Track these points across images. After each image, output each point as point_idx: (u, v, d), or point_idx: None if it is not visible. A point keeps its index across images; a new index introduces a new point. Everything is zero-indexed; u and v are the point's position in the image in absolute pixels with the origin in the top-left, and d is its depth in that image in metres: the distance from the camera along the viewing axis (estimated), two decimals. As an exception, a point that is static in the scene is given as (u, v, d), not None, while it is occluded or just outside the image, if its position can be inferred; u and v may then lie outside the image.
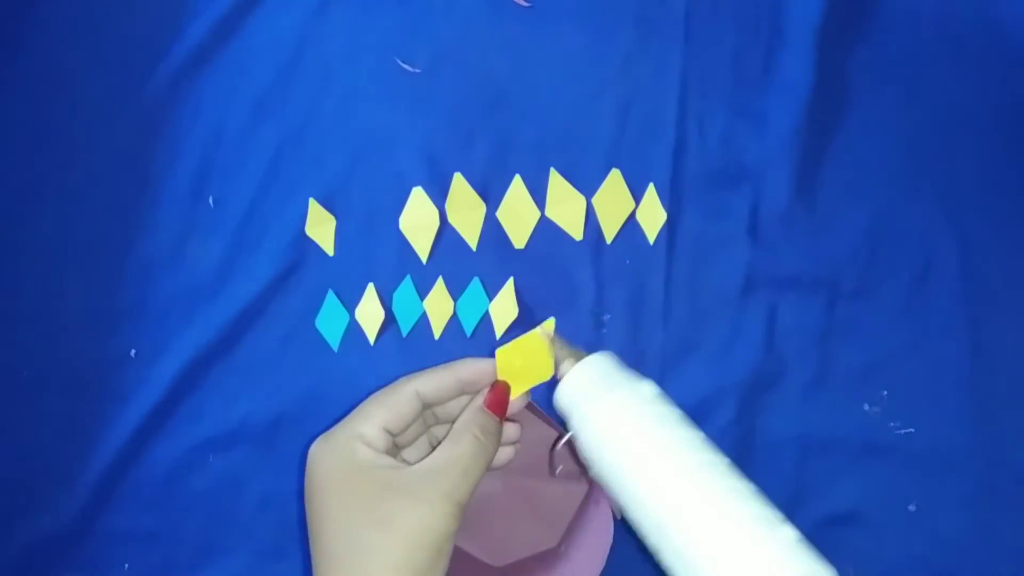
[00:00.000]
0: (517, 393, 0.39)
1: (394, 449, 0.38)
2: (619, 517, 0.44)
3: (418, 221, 0.55)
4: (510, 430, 0.40)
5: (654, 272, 0.55)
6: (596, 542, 0.46)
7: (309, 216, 0.56)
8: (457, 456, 0.34)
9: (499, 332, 0.55)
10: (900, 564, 0.50)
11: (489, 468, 0.37)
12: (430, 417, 0.41)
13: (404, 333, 0.55)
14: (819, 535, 0.50)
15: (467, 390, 0.39)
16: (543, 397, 0.41)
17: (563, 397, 0.36)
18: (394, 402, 0.37)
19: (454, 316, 0.55)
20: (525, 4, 0.57)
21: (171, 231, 0.56)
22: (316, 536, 0.35)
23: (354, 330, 0.55)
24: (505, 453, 0.40)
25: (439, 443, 0.37)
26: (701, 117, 0.56)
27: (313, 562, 0.35)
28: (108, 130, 0.57)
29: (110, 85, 0.57)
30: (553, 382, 0.39)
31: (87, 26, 0.58)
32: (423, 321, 0.55)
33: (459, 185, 0.56)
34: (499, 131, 0.57)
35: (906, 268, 0.54)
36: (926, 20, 0.58)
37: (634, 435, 0.31)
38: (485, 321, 0.55)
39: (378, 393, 0.38)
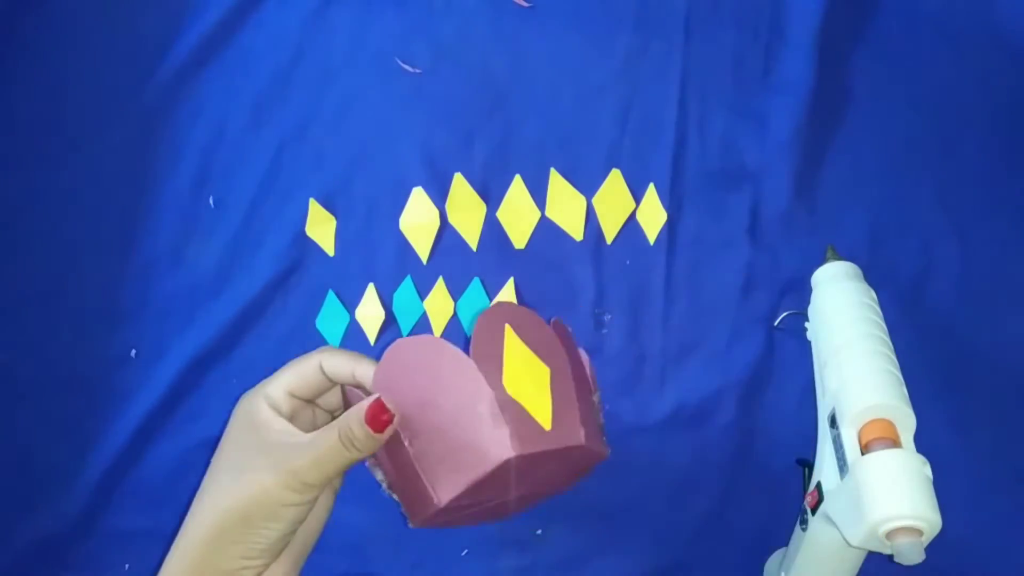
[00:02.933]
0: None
1: (304, 410, 0.41)
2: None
3: (418, 221, 0.55)
4: None
5: (654, 272, 0.55)
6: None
7: (309, 216, 0.56)
8: (317, 444, 0.37)
9: (499, 332, 0.55)
10: (900, 564, 0.50)
11: (350, 466, 0.39)
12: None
13: (404, 333, 0.55)
14: (791, 533, 0.50)
15: (360, 385, 0.41)
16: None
17: (819, 278, 0.51)
18: (300, 370, 0.40)
19: (454, 316, 0.55)
20: (525, 4, 0.57)
21: (171, 231, 0.56)
22: (212, 462, 0.40)
23: (354, 330, 0.55)
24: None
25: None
26: (701, 117, 0.56)
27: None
28: (108, 130, 0.57)
29: (110, 85, 0.57)
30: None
31: (87, 26, 0.58)
32: (423, 321, 0.55)
33: (459, 185, 0.56)
34: (499, 131, 0.57)
35: (906, 268, 0.54)
36: (926, 20, 0.58)
37: (857, 306, 0.48)
38: (485, 321, 0.55)
39: (293, 360, 0.41)
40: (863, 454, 0.41)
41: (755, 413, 0.54)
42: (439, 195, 0.56)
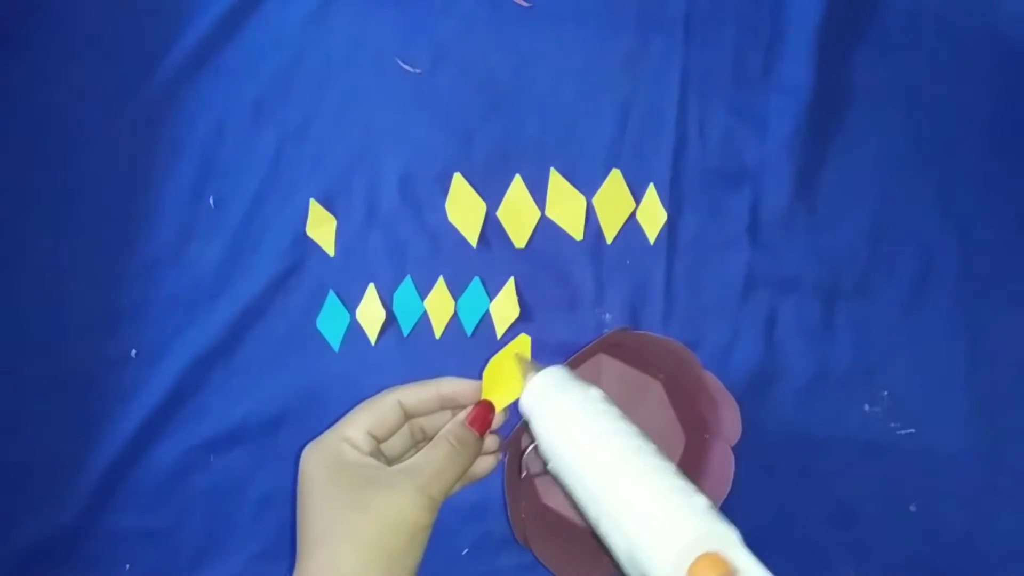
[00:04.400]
0: (499, 407, 0.42)
1: (379, 453, 0.40)
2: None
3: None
4: (490, 442, 0.42)
5: (654, 272, 0.55)
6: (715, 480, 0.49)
7: (310, 216, 0.56)
8: (432, 459, 0.38)
9: (500, 332, 0.55)
10: (900, 564, 0.50)
11: (467, 476, 0.41)
12: (418, 432, 0.43)
13: (405, 333, 0.55)
14: (820, 535, 0.50)
15: (447, 405, 0.42)
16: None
17: (524, 404, 0.41)
18: (378, 409, 0.40)
19: (455, 316, 0.55)
20: (525, 4, 0.57)
21: (172, 231, 0.56)
22: (300, 525, 0.37)
23: (355, 330, 0.55)
24: (487, 463, 0.43)
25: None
26: (701, 117, 0.56)
27: (297, 549, 0.37)
28: (108, 130, 0.57)
29: (110, 85, 0.57)
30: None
31: (87, 26, 0.58)
32: (424, 321, 0.55)
33: (459, 185, 0.56)
34: (499, 131, 0.57)
35: (906, 268, 0.54)
36: (926, 21, 0.58)
37: (579, 427, 0.38)
38: (486, 321, 0.55)
39: (364, 401, 0.41)
40: None
41: (755, 413, 0.54)
42: (439, 194, 0.56)
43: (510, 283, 0.55)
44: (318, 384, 0.55)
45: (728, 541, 0.33)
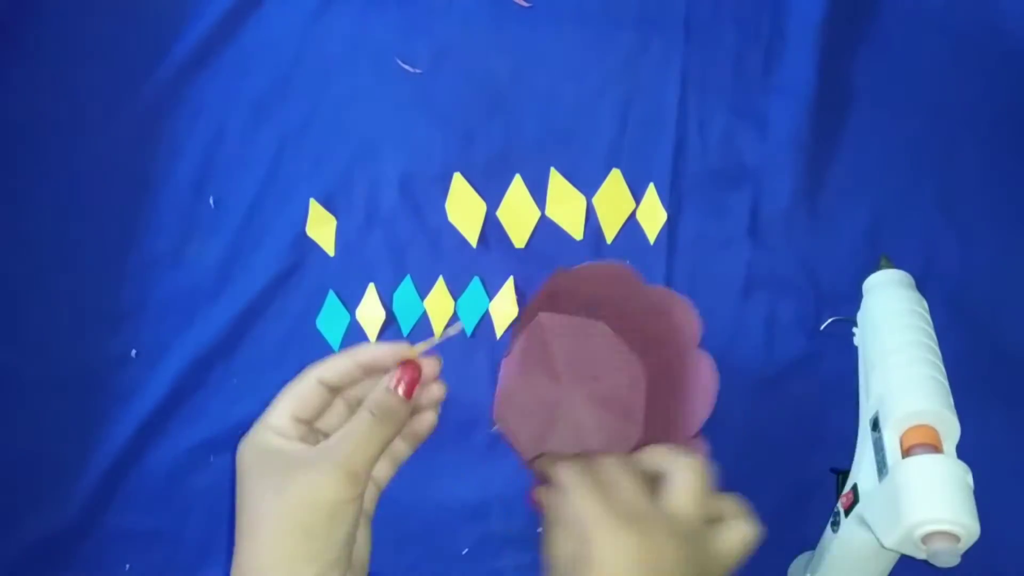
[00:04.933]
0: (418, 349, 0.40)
1: (310, 435, 0.39)
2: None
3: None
4: (436, 392, 0.41)
5: (654, 272, 0.55)
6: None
7: (310, 216, 0.56)
8: (351, 431, 0.36)
9: (499, 331, 0.55)
10: (900, 564, 0.50)
11: (411, 437, 0.40)
12: (355, 404, 0.42)
13: (405, 333, 0.55)
14: (820, 534, 0.50)
15: (370, 374, 0.40)
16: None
17: (877, 280, 0.51)
18: (298, 391, 0.39)
19: (454, 316, 0.55)
20: (525, 4, 0.57)
21: (172, 231, 0.56)
22: (236, 520, 0.37)
23: (355, 330, 0.55)
24: (428, 419, 0.41)
25: None
26: (701, 117, 0.56)
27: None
28: (108, 130, 0.57)
29: (110, 85, 0.57)
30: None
31: (87, 26, 0.58)
32: (423, 321, 0.55)
33: (459, 185, 0.56)
34: (499, 131, 0.57)
35: (906, 268, 0.54)
36: (927, 21, 0.58)
37: (903, 312, 0.48)
38: (485, 320, 0.55)
39: (289, 384, 0.40)
40: (904, 458, 0.42)
41: (755, 413, 0.54)
42: (439, 194, 0.56)
43: (510, 283, 0.55)
44: (318, 384, 0.55)
45: (948, 428, 0.42)
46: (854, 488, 0.45)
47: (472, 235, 0.55)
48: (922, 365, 0.45)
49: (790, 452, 0.54)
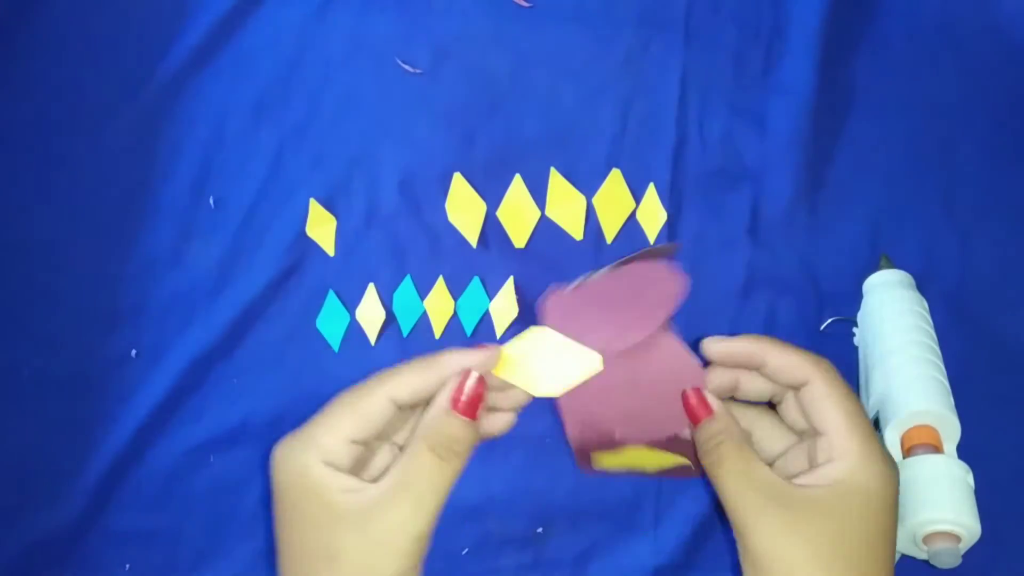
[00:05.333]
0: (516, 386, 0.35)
1: (364, 456, 0.34)
2: None
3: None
4: (519, 397, 0.35)
5: (654, 272, 0.55)
6: None
7: (309, 216, 0.56)
8: (411, 480, 0.30)
9: (499, 331, 0.55)
10: (900, 564, 0.50)
11: (481, 435, 0.33)
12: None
13: (405, 333, 0.55)
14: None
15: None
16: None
17: (877, 280, 0.51)
18: (364, 411, 0.33)
19: (454, 316, 0.55)
20: (525, 4, 0.58)
21: (171, 231, 0.56)
22: (278, 553, 0.32)
23: (355, 330, 0.55)
24: (503, 420, 0.35)
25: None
26: (701, 117, 0.56)
27: None
28: (108, 130, 0.57)
29: (110, 85, 0.57)
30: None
31: (87, 26, 0.58)
32: (423, 321, 0.55)
33: (459, 185, 0.56)
34: (499, 131, 0.57)
35: (906, 268, 0.54)
36: (927, 21, 0.58)
37: (905, 312, 0.48)
38: (485, 320, 0.55)
39: (349, 395, 0.34)
40: (905, 458, 0.42)
41: (755, 413, 0.54)
42: (439, 194, 0.56)
43: (510, 283, 0.55)
44: (318, 384, 0.55)
45: (949, 428, 0.42)
46: None
47: (472, 235, 0.55)
48: (923, 365, 0.45)
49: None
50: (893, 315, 0.49)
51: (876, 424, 0.45)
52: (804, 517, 0.31)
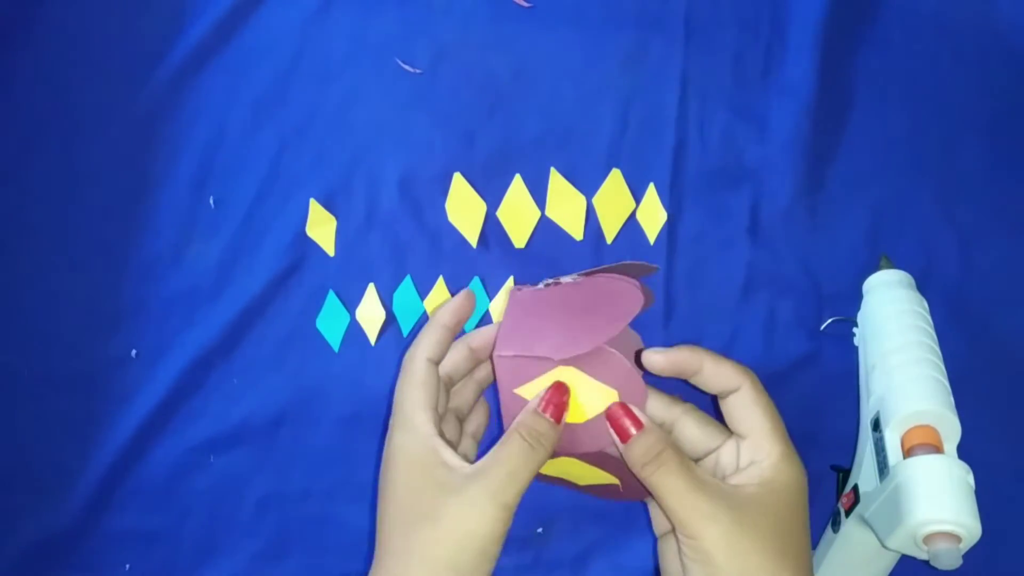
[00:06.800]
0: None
1: (437, 420, 0.39)
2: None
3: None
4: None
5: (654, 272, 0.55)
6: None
7: (309, 216, 0.56)
8: (504, 458, 0.35)
9: (499, 332, 0.55)
10: (900, 564, 0.50)
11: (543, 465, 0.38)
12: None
13: (405, 333, 0.55)
14: (820, 534, 0.50)
15: (479, 358, 0.42)
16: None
17: (878, 279, 0.51)
18: (426, 383, 0.39)
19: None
20: (525, 4, 0.58)
21: (172, 231, 0.56)
22: (379, 523, 0.37)
23: (355, 330, 0.55)
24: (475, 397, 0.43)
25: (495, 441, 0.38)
26: (701, 117, 0.56)
27: (376, 545, 0.37)
28: (108, 130, 0.57)
29: (110, 85, 0.57)
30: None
31: (87, 26, 0.58)
32: (424, 321, 0.55)
33: (459, 185, 0.56)
34: (499, 131, 0.57)
35: (906, 268, 0.54)
36: (927, 21, 0.58)
37: (906, 312, 0.48)
38: (485, 320, 0.55)
39: (410, 376, 0.39)
40: (905, 458, 0.42)
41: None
42: (439, 194, 0.56)
43: (510, 283, 0.55)
44: (318, 384, 0.55)
45: (949, 428, 0.42)
46: (855, 488, 0.45)
47: (472, 235, 0.55)
48: (923, 365, 0.45)
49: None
50: (893, 315, 0.49)
51: (876, 424, 0.45)
52: (748, 513, 0.35)
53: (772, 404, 0.40)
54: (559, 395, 0.38)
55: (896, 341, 0.47)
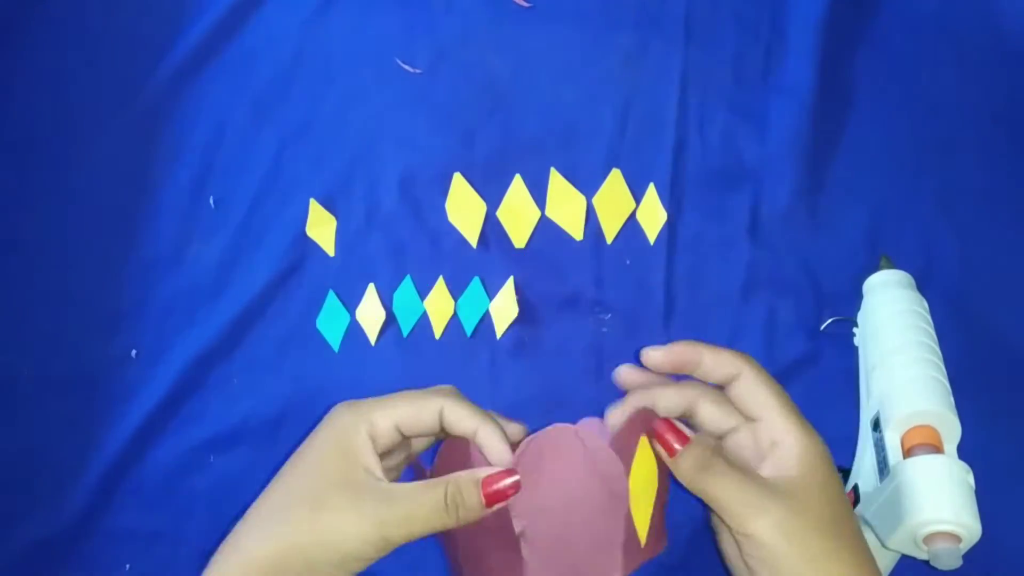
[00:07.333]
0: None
1: (399, 449, 0.38)
2: None
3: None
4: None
5: (654, 272, 0.55)
6: None
7: (310, 216, 0.56)
8: (414, 499, 0.34)
9: (499, 332, 0.55)
10: (901, 563, 0.50)
11: (448, 528, 0.36)
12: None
13: (404, 333, 0.55)
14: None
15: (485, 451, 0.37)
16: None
17: (877, 280, 0.51)
18: (419, 406, 0.36)
19: (454, 316, 0.55)
20: (525, 4, 0.58)
21: (172, 231, 0.56)
22: (277, 475, 0.36)
23: (355, 330, 0.55)
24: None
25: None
26: (701, 117, 0.56)
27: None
28: (108, 130, 0.57)
29: (110, 85, 0.57)
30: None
31: (87, 26, 0.58)
32: (423, 321, 0.55)
33: (459, 185, 0.56)
34: (499, 131, 0.57)
35: (906, 268, 0.54)
36: (927, 21, 0.58)
37: (904, 312, 0.48)
38: (485, 321, 0.55)
39: (413, 391, 0.38)
40: (905, 459, 0.42)
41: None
42: (439, 194, 0.56)
43: (510, 283, 0.55)
44: (318, 384, 0.55)
45: (949, 428, 0.42)
46: (855, 488, 0.45)
47: (472, 235, 0.55)
48: (923, 365, 0.45)
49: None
50: (893, 315, 0.49)
51: (876, 424, 0.45)
52: (797, 499, 0.35)
53: (776, 383, 0.40)
54: (508, 487, 0.35)
55: (896, 341, 0.47)
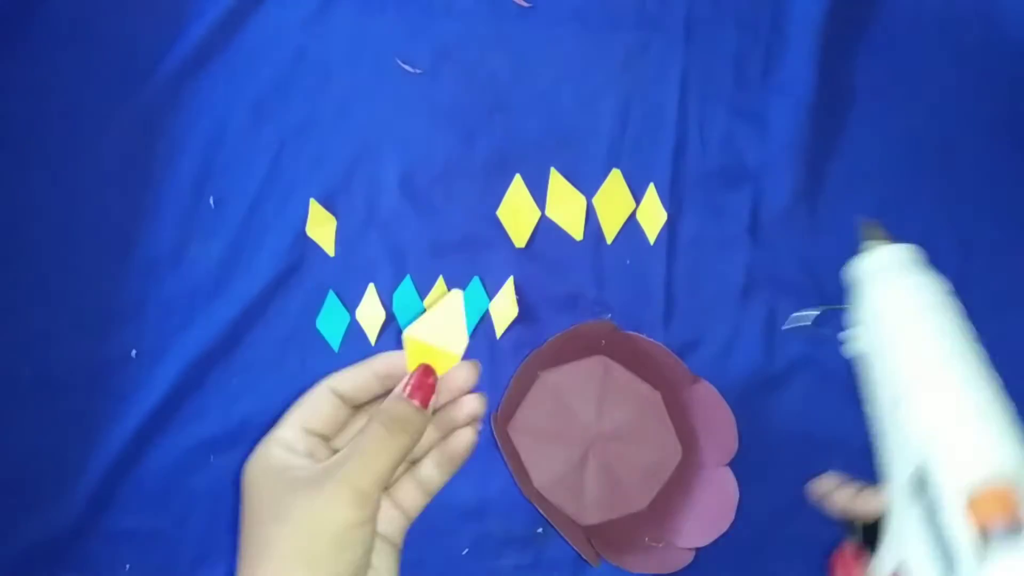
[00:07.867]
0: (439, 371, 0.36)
1: (322, 450, 0.37)
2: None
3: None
4: (467, 408, 0.37)
5: (654, 272, 0.55)
6: (709, 513, 0.52)
7: (310, 216, 0.56)
8: (358, 445, 0.33)
9: (499, 331, 0.55)
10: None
11: (449, 457, 0.36)
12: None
13: (404, 333, 0.55)
14: (820, 535, 0.50)
15: (387, 384, 0.37)
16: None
17: (861, 269, 0.39)
18: (309, 401, 0.37)
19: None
20: (525, 4, 0.58)
21: (172, 231, 0.56)
22: (240, 537, 0.34)
23: (355, 330, 0.55)
24: (466, 437, 0.37)
25: None
26: (701, 117, 0.56)
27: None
28: (108, 130, 0.57)
29: (110, 85, 0.57)
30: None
31: (87, 26, 0.58)
32: (423, 321, 0.55)
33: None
34: (499, 131, 0.57)
35: (906, 268, 0.54)
36: (927, 21, 0.58)
37: (915, 314, 0.36)
38: (485, 320, 0.55)
39: (301, 399, 0.37)
40: (984, 543, 0.28)
41: (755, 413, 0.54)
42: (439, 194, 0.56)
43: (509, 283, 0.55)
44: (318, 384, 0.55)
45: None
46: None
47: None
48: (979, 391, 0.34)
49: (790, 452, 0.54)
50: (915, 317, 0.37)
51: (921, 483, 0.32)
52: None
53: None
54: (424, 378, 0.35)
55: (930, 357, 0.35)
